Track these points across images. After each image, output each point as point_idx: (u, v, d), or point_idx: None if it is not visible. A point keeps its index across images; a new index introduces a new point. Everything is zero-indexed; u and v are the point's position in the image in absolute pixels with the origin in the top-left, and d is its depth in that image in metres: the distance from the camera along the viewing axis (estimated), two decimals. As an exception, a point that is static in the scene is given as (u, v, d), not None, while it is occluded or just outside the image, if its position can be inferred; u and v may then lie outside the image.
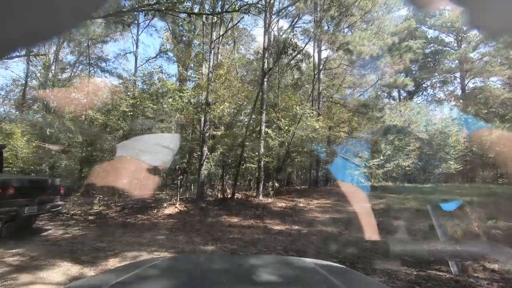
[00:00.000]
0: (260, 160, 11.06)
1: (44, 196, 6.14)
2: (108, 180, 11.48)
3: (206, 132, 9.94)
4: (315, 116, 12.21)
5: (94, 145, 10.99)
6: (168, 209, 9.24)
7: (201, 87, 9.44)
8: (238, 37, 18.56)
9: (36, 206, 5.90)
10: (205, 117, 9.91)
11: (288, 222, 7.90)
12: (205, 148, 9.87)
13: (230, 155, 10.48)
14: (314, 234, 6.66)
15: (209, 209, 9.21)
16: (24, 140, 11.10)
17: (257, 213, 8.80)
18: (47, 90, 19.84)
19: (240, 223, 7.63)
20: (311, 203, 10.73)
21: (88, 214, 8.74)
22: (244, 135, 10.41)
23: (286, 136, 12.29)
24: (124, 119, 11.47)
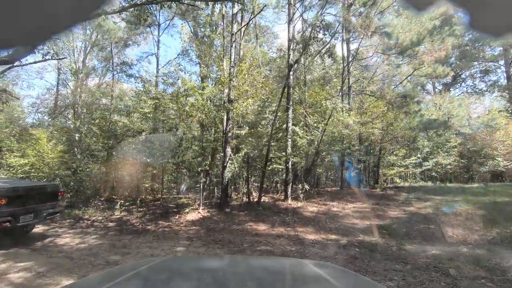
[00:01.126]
0: (288, 161, 10.17)
1: (41, 202, 5.81)
2: (130, 183, 11.18)
3: (229, 132, 9.24)
4: (347, 110, 11.09)
5: (117, 148, 10.72)
6: (191, 214, 8.64)
7: (223, 83, 8.76)
8: (260, 33, 17.79)
9: (32, 214, 5.57)
10: (228, 116, 9.22)
11: (323, 230, 6.94)
12: (228, 149, 9.17)
13: (255, 155, 9.70)
14: (356, 246, 5.67)
15: (233, 214, 8.49)
16: (50, 145, 11.07)
17: (287, 220, 7.92)
18: (77, 97, 20.38)
19: (268, 232, 6.80)
20: (346, 207, 9.66)
21: (109, 220, 8.35)
22: (270, 134, 9.58)
23: (315, 134, 11.30)
24: (146, 120, 11.12)
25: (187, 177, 13.27)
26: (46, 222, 8.05)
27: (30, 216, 5.57)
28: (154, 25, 16.14)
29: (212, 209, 9.03)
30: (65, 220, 8.31)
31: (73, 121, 17.27)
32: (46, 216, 5.99)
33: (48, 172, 10.40)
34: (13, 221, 5.19)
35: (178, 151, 10.07)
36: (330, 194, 12.04)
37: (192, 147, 10.09)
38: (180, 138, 10.47)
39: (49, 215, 6.11)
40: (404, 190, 13.50)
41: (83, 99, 20.07)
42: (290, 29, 10.82)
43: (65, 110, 22.80)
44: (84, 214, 8.88)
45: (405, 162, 16.16)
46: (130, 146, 10.94)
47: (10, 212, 5.15)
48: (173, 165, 9.93)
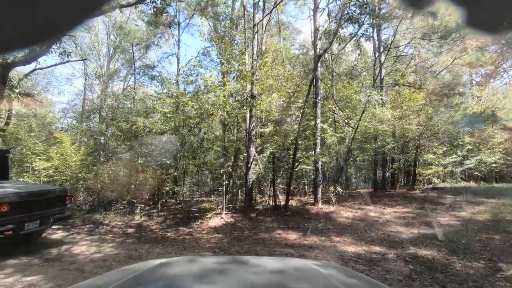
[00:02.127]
0: (317, 161, 9.28)
1: (47, 208, 5.43)
2: (151, 186, 10.80)
3: (253, 130, 8.53)
4: (382, 104, 9.97)
5: (137, 150, 10.39)
6: (213, 220, 8.02)
7: (245, 77, 8.07)
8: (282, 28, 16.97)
9: (38, 221, 5.22)
10: (251, 113, 8.52)
11: (363, 240, 6.01)
12: (252, 149, 8.46)
13: (282, 155, 8.92)
14: (407, 261, 4.71)
15: (259, 220, 7.75)
16: (73, 148, 10.97)
17: (320, 227, 7.05)
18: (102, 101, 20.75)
19: (300, 242, 5.98)
20: (385, 212, 8.59)
21: (128, 225, 7.93)
22: (297, 132, 8.75)
23: (346, 131, 10.30)
24: (166, 121, 10.70)
25: (209, 179, 12.74)
26: (67, 228, 7.84)
27: (36, 222, 5.21)
28: (174, 25, 15.87)
29: (236, 214, 8.35)
30: (85, 225, 8.01)
31: (99, 125, 17.47)
32: (53, 222, 5.61)
33: (70, 175, 10.24)
34: (16, 229, 4.82)
35: (199, 152, 9.52)
36: (364, 197, 10.95)
37: (213, 147, 9.49)
38: (201, 138, 9.92)
39: (56, 221, 5.73)
40: (447, 192, 12.07)
41: (108, 103, 20.38)
42: (317, 17, 9.92)
43: (91, 114, 23.30)
44: (105, 218, 8.55)
45: (444, 160, 14.59)
46: (150, 148, 10.57)
47: (13, 220, 4.79)
48: (195, 167, 9.37)
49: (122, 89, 22.56)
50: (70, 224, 8.06)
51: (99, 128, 16.66)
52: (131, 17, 19.40)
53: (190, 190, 11.92)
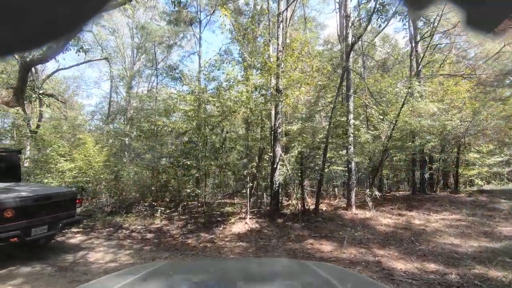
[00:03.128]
0: (350, 161, 8.38)
1: (55, 212, 5.12)
2: (172, 188, 10.42)
3: (278, 128, 7.81)
4: (423, 96, 8.84)
5: (158, 150, 10.05)
6: (237, 225, 7.40)
7: (270, 70, 7.37)
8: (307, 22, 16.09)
9: (46, 226, 4.91)
10: (276, 109, 7.82)
11: (412, 254, 5.09)
12: (278, 148, 7.75)
13: (310, 155, 8.12)
14: (478, 286, 3.78)
15: (287, 227, 7.01)
16: (96, 149, 10.86)
17: (357, 236, 6.19)
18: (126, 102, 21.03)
19: (338, 254, 5.18)
20: (431, 219, 7.52)
21: (148, 230, 7.52)
22: (328, 129, 7.92)
23: (382, 127, 9.29)
24: (187, 120, 10.26)
25: (231, 181, 12.18)
26: (86, 231, 7.59)
27: (44, 228, 4.90)
28: (195, 22, 15.54)
29: (261, 219, 7.68)
30: (104, 229, 7.71)
31: (123, 125, 17.58)
32: (62, 226, 5.28)
33: (93, 176, 10.09)
34: (22, 235, 4.48)
35: (221, 152, 8.96)
36: (402, 200, 9.82)
37: (236, 147, 8.88)
38: (224, 138, 9.36)
39: (65, 226, 5.41)
40: (499, 195, 10.61)
41: (133, 104, 20.58)
42: (347, 2, 9.01)
43: (116, 115, 23.71)
44: (125, 221, 8.23)
45: (489, 160, 12.98)
46: (171, 148, 10.18)
47: (18, 225, 4.47)
48: (217, 168, 8.83)
49: (146, 90, 22.77)
50: (90, 227, 7.81)
51: (123, 129, 16.75)
52: (154, 18, 19.44)
53: (212, 192, 11.41)
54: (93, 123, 25.89)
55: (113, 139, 16.56)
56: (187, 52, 17.83)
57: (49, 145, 10.46)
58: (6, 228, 4.33)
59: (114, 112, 24.09)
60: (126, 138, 15.34)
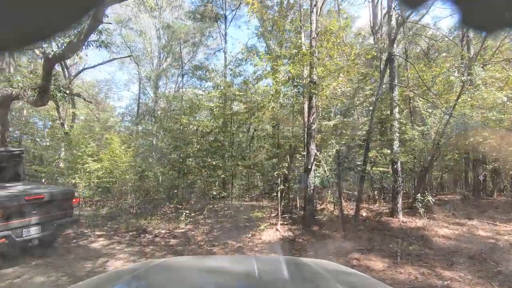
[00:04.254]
0: (396, 161, 7.32)
1: (49, 212, 4.94)
2: (198, 190, 9.93)
3: (313, 123, 6.96)
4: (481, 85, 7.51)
5: (183, 150, 9.60)
6: (267, 232, 6.66)
7: (302, 60, 6.55)
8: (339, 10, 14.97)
9: (39, 226, 4.71)
10: (310, 103, 6.97)
11: (493, 278, 4.02)
12: (313, 146, 6.90)
13: (349, 154, 7.18)
14: None
15: (325, 236, 6.14)
16: (122, 149, 10.67)
17: (412, 250, 5.18)
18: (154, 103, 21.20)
19: (391, 273, 4.25)
20: (500, 230, 6.25)
21: (172, 235, 7.01)
22: (369, 125, 6.94)
23: (431, 123, 8.10)
24: (213, 118, 9.72)
25: (259, 182, 11.47)
26: (109, 235, 7.25)
27: (37, 228, 4.70)
28: (221, 18, 15.07)
29: (294, 226, 6.87)
30: (128, 232, 7.31)
31: (150, 125, 17.58)
32: (57, 227, 5.07)
33: (118, 177, 9.87)
34: (11, 236, 4.28)
35: (249, 151, 8.28)
36: (457, 206, 8.51)
37: (265, 146, 8.15)
38: (251, 136, 8.67)
39: (61, 226, 5.23)
40: None
41: (160, 105, 20.66)
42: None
43: (145, 116, 23.97)
44: (149, 225, 7.81)
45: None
46: (196, 147, 9.69)
47: (6, 226, 4.28)
48: (244, 168, 8.16)
49: (173, 91, 22.85)
50: (114, 230, 7.47)
51: (150, 129, 16.72)
52: (179, 17, 19.34)
53: (239, 194, 10.79)
54: (123, 124, 26.57)
55: (141, 139, 16.59)
56: (213, 49, 17.37)
57: (77, 146, 10.44)
58: None
59: (143, 113, 24.42)
60: (153, 138, 15.25)
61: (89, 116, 26.07)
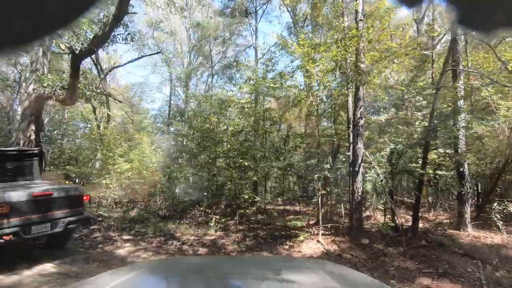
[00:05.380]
0: (462, 163, 6.09)
1: (59, 209, 4.82)
2: (228, 193, 9.31)
3: (360, 119, 5.98)
4: None
5: (212, 150, 9.05)
6: (307, 244, 5.80)
7: (349, 43, 5.61)
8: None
9: (49, 224, 4.59)
10: (357, 95, 6.01)
11: None
12: (360, 145, 5.91)
13: (405, 154, 6.06)
14: None
15: (378, 252, 5.14)
16: (152, 149, 10.41)
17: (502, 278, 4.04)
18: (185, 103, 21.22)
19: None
20: None
21: (201, 242, 6.41)
22: (429, 120, 5.81)
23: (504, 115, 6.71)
24: (244, 116, 9.06)
25: (294, 184, 10.58)
26: (136, 240, 6.83)
27: (46, 225, 4.58)
28: (251, 13, 14.45)
29: (338, 238, 5.92)
30: (155, 237, 6.85)
31: (180, 125, 17.44)
32: (67, 225, 4.86)
33: (148, 178, 9.56)
34: (20, 233, 4.18)
35: (283, 151, 7.48)
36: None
37: (302, 145, 7.29)
38: (286, 134, 7.86)
39: (71, 224, 4.98)
40: None
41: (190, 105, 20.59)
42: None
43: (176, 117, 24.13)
44: (177, 230, 7.31)
45: None
46: (227, 147, 9.08)
47: (15, 222, 4.20)
48: (278, 170, 7.37)
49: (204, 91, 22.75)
50: (141, 234, 7.05)
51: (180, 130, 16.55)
52: (209, 16, 19.07)
53: (271, 197, 10.00)
54: (156, 125, 27.08)
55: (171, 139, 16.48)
56: (243, 46, 16.81)
57: (108, 146, 10.35)
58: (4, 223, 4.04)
59: (174, 114, 24.63)
60: (183, 138, 15.02)
61: (125, 119, 26.94)
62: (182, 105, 22.79)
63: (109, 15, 5.82)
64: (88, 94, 7.27)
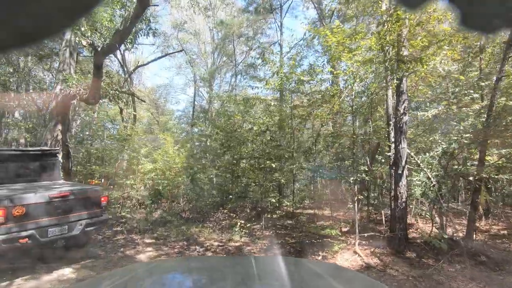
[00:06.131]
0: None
1: (77, 211, 4.63)
2: (253, 194, 8.85)
3: (404, 114, 5.25)
4: None
5: (236, 150, 8.65)
6: (342, 255, 5.18)
7: (388, 30, 4.93)
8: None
9: (66, 226, 4.40)
10: (400, 87, 5.29)
11: None
12: (404, 144, 5.19)
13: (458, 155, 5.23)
14: None
15: (430, 268, 4.40)
16: (175, 149, 10.20)
17: None
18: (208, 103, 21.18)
19: None
20: None
21: (225, 249, 5.99)
22: (487, 115, 4.97)
23: None
24: (269, 114, 8.57)
25: (322, 187, 9.90)
26: (158, 244, 6.54)
27: (63, 228, 4.40)
28: (276, 8, 13.94)
29: (379, 250, 5.24)
30: (178, 241, 6.53)
31: (205, 126, 17.31)
32: (85, 227, 4.67)
33: (171, 179, 9.34)
34: (36, 236, 4.03)
35: (313, 151, 6.88)
36: None
37: (335, 145, 6.64)
38: (316, 133, 7.26)
39: (90, 226, 4.79)
40: None
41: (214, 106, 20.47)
42: None
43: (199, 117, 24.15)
44: (200, 234, 6.96)
45: None
46: (251, 147, 8.64)
47: (31, 225, 4.04)
48: (308, 171, 6.78)
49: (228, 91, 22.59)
50: (164, 238, 6.76)
51: (204, 130, 16.40)
52: (232, 14, 18.82)
53: (299, 200, 9.40)
54: (180, 126, 27.35)
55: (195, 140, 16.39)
56: (268, 43, 16.33)
57: (132, 146, 10.29)
58: (14, 228, 3.87)
59: (197, 114, 24.68)
60: (207, 138, 14.81)
61: (151, 120, 27.44)
62: (206, 106, 22.80)
63: (130, 9, 5.57)
64: (112, 93, 7.11)
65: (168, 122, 27.54)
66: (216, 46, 18.19)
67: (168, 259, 1.81)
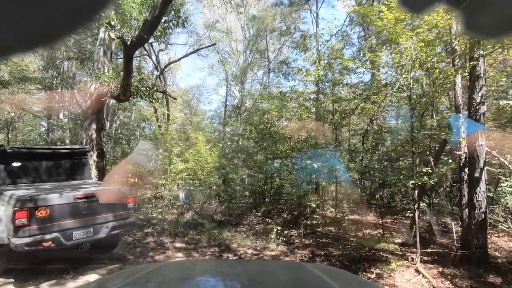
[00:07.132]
0: None
1: (103, 213, 4.34)
2: (290, 199, 8.15)
3: (481, 104, 4.24)
4: None
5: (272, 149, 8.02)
6: (401, 274, 4.30)
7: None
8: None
9: (91, 228, 4.14)
10: (474, 71, 4.28)
11: None
12: (482, 141, 4.18)
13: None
14: None
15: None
16: (207, 148, 9.83)
17: None
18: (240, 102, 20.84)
19: None
20: None
21: (261, 258, 5.37)
22: None
23: None
24: (306, 109, 7.82)
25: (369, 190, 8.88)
26: (189, 249, 6.09)
27: (88, 231, 4.13)
28: None
29: (448, 270, 4.28)
30: (209, 247, 6.06)
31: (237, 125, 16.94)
32: (111, 230, 4.37)
33: (203, 179, 8.97)
34: (60, 239, 3.79)
35: (361, 150, 6.02)
36: None
37: (386, 143, 5.72)
38: (364, 130, 6.38)
39: (116, 229, 4.47)
40: None
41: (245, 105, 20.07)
42: None
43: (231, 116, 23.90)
44: (233, 239, 6.42)
45: None
46: (288, 146, 7.95)
47: (55, 227, 3.81)
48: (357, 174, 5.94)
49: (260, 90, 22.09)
50: (195, 242, 6.33)
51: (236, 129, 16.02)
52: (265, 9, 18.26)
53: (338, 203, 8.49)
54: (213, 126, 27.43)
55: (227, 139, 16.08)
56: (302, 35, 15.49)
57: (164, 146, 10.12)
58: (37, 230, 3.63)
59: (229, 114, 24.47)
60: (239, 138, 14.39)
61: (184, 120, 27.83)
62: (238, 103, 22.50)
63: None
64: (143, 90, 6.86)
65: (201, 122, 27.73)
66: (248, 43, 17.74)
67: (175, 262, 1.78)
